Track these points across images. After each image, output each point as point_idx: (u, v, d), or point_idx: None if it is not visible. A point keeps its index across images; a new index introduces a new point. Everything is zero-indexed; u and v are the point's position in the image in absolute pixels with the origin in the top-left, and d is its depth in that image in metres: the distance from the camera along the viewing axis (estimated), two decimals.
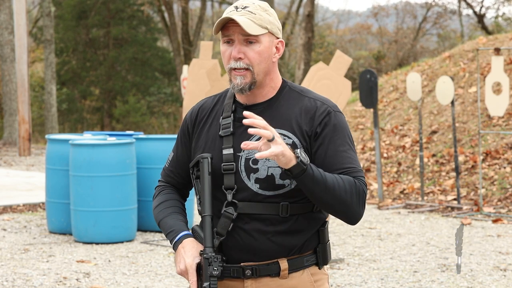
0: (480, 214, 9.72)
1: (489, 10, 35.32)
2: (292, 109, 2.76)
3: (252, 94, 2.76)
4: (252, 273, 2.74)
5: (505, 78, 9.69)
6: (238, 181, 2.73)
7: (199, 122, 2.84)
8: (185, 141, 2.87)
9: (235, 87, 2.73)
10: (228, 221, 2.71)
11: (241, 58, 2.71)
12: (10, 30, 19.33)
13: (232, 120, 2.76)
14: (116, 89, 32.84)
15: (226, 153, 2.73)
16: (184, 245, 2.73)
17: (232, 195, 2.72)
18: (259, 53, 2.72)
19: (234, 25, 2.70)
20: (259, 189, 2.71)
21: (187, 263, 2.69)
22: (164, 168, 2.95)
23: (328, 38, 36.96)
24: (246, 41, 2.71)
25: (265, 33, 2.72)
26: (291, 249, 2.75)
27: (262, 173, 2.71)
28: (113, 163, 8.22)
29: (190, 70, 9.81)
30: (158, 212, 2.87)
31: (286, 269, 2.74)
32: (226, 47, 2.74)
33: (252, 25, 2.69)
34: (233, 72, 2.72)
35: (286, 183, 2.71)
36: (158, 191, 2.94)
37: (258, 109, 2.76)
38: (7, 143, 19.72)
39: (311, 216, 2.77)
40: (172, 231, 2.79)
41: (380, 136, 13.30)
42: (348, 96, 7.61)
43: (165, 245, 8.14)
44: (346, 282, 6.68)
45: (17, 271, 7.04)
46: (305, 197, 2.72)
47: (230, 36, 2.72)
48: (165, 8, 29.97)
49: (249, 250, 2.73)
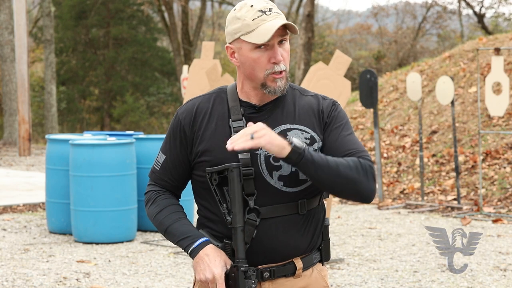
0: (480, 214, 9.72)
1: (489, 10, 35.32)
2: (300, 106, 2.77)
3: (265, 93, 2.75)
4: (270, 275, 2.73)
5: (505, 78, 9.69)
6: (259, 183, 2.70)
7: (199, 124, 2.77)
8: (180, 144, 2.79)
9: (276, 90, 2.70)
10: (252, 228, 2.69)
11: (281, 60, 2.70)
12: (10, 30, 19.32)
13: (244, 123, 2.72)
14: (115, 89, 32.84)
15: (242, 157, 2.69)
16: (208, 252, 2.69)
17: (254, 201, 2.69)
18: (288, 52, 2.74)
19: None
20: (283, 186, 2.70)
21: (216, 273, 2.66)
22: (155, 171, 2.86)
23: (328, 38, 36.97)
24: (279, 43, 2.71)
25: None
26: (305, 248, 2.76)
27: (285, 170, 2.70)
28: (113, 163, 8.22)
29: (191, 70, 9.81)
30: (162, 219, 2.80)
31: (301, 268, 2.76)
32: (260, 53, 2.70)
33: (291, 26, 2.71)
34: (272, 76, 2.70)
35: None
36: (153, 197, 2.85)
37: (268, 108, 2.76)
38: (7, 143, 19.71)
39: (318, 210, 2.80)
40: (188, 237, 2.73)
41: (380, 136, 13.30)
42: (348, 96, 7.61)
43: (165, 245, 8.14)
44: (346, 282, 6.68)
45: (17, 271, 7.04)
46: (316, 191, 2.75)
47: (270, 41, 2.68)
48: (165, 8, 29.98)
49: (269, 253, 2.73)
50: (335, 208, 10.32)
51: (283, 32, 2.70)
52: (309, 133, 2.73)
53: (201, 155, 2.75)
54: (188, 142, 2.78)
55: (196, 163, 2.78)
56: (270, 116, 2.75)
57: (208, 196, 2.78)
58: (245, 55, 2.71)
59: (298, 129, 2.73)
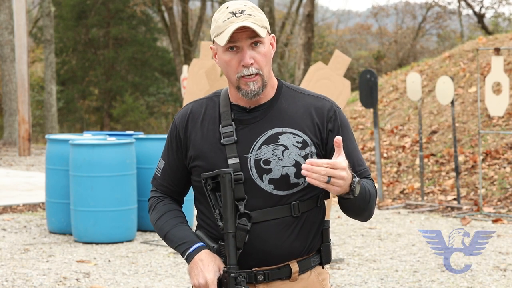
0: (480, 214, 9.72)
1: (489, 10, 35.32)
2: (296, 108, 2.76)
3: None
4: (264, 277, 2.74)
5: (505, 78, 9.69)
6: (249, 187, 2.70)
7: (191, 128, 2.79)
8: (176, 148, 2.82)
9: (249, 94, 2.70)
10: (244, 233, 2.69)
11: (252, 63, 2.69)
12: (10, 30, 19.32)
13: (234, 128, 2.73)
14: (115, 89, 32.83)
15: (232, 162, 2.70)
16: (202, 257, 2.70)
17: (244, 205, 2.69)
18: (265, 55, 2.71)
19: (240, 32, 2.67)
20: (273, 189, 2.71)
21: (209, 279, 2.67)
22: (156, 178, 2.89)
23: (328, 38, 36.95)
24: (251, 45, 2.69)
25: (266, 32, 2.72)
26: (300, 251, 2.75)
27: (276, 173, 2.70)
28: (113, 163, 8.22)
29: (190, 70, 9.80)
30: (162, 224, 2.82)
31: (297, 271, 2.76)
32: (230, 55, 2.70)
33: (259, 28, 2.68)
34: (243, 79, 2.69)
35: (301, 181, 2.72)
36: (155, 203, 2.88)
37: (260, 110, 2.75)
38: (7, 143, 19.71)
39: (316, 212, 2.79)
40: (185, 242, 2.75)
41: (380, 136, 13.30)
42: (348, 96, 7.61)
43: (165, 245, 8.14)
44: (346, 282, 6.68)
45: (17, 271, 7.04)
46: (312, 193, 2.75)
47: (237, 43, 2.68)
48: (165, 8, 29.97)
49: (262, 256, 2.73)
50: (335, 208, 10.32)
51: (252, 34, 2.67)
52: (301, 137, 2.73)
53: (193, 159, 2.77)
54: (183, 147, 2.80)
55: (190, 167, 2.80)
56: (262, 119, 2.74)
57: (203, 200, 2.79)
58: (220, 57, 2.73)
59: (290, 132, 2.73)
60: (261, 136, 2.72)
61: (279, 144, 2.72)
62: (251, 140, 2.72)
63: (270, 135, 2.72)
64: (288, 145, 2.72)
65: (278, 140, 2.70)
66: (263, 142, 2.72)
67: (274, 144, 2.72)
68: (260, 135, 2.72)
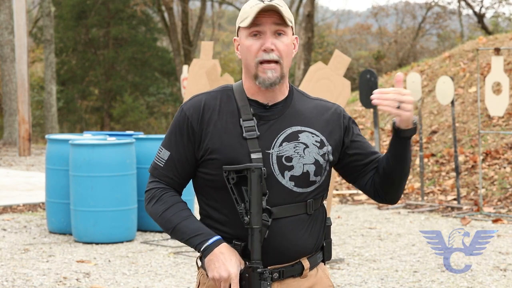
0: (480, 214, 9.72)
1: (489, 10, 35.32)
2: (307, 109, 2.78)
3: (274, 91, 2.73)
4: (279, 275, 2.73)
5: (505, 78, 9.69)
6: (270, 183, 2.69)
7: (207, 120, 2.73)
8: (188, 140, 2.74)
9: (265, 81, 2.68)
10: (265, 228, 2.67)
11: (273, 49, 2.67)
12: (10, 30, 19.32)
13: (255, 123, 2.71)
14: (115, 89, 32.83)
15: (255, 157, 2.67)
16: (223, 250, 2.66)
17: (265, 201, 2.68)
18: (287, 46, 2.70)
19: (266, 16, 2.65)
20: (294, 186, 2.71)
21: (232, 272, 2.63)
22: (158, 168, 2.78)
23: (328, 38, 36.94)
24: (275, 33, 2.68)
25: (290, 26, 2.72)
26: (311, 248, 2.77)
27: (297, 170, 2.71)
28: (113, 163, 8.22)
29: (191, 70, 9.81)
30: (171, 216, 2.72)
31: (308, 268, 2.77)
32: (252, 40, 2.68)
33: (286, 15, 2.68)
34: (262, 65, 2.67)
35: (318, 179, 2.74)
36: (159, 194, 2.77)
37: (278, 107, 2.75)
38: (7, 143, 19.71)
39: (322, 210, 2.81)
40: (201, 234, 2.68)
41: (380, 136, 13.30)
42: (348, 96, 7.61)
43: (165, 245, 8.14)
44: (346, 282, 6.68)
45: (17, 271, 7.04)
46: (323, 192, 2.78)
47: (261, 27, 2.67)
48: (165, 8, 29.97)
49: (280, 253, 2.72)
50: (335, 208, 10.31)
51: (278, 21, 2.67)
52: (319, 136, 2.75)
53: (210, 152, 2.71)
54: (196, 139, 2.73)
55: (204, 160, 2.73)
56: (280, 116, 2.74)
57: (217, 195, 2.74)
58: (242, 43, 2.72)
59: (308, 131, 2.74)
60: (281, 133, 2.72)
61: (300, 142, 2.72)
62: (272, 136, 2.71)
63: (290, 133, 2.72)
64: (308, 143, 2.73)
65: (299, 138, 2.71)
66: (284, 139, 2.72)
67: (295, 141, 2.72)
68: (281, 132, 2.71)
